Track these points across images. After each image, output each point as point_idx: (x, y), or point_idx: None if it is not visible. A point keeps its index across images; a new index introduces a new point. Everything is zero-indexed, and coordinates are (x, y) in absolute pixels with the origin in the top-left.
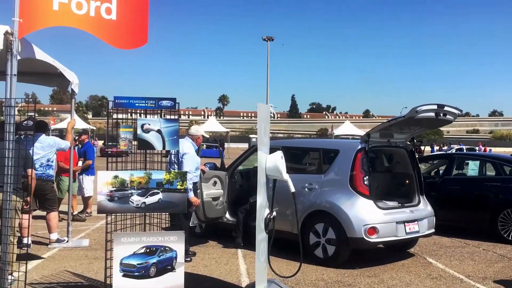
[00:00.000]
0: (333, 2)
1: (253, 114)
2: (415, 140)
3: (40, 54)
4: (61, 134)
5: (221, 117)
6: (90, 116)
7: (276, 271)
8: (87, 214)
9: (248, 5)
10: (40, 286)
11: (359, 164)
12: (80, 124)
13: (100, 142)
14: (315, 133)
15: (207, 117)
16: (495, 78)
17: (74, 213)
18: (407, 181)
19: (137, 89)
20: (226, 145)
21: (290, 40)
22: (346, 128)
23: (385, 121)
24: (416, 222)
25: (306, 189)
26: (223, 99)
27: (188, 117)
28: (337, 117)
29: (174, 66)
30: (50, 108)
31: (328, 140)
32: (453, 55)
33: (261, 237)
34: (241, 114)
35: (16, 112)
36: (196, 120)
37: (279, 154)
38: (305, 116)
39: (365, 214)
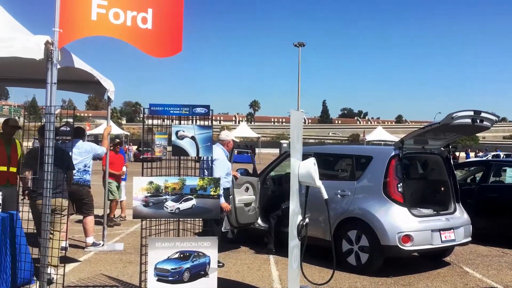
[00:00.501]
0: (365, 8)
1: (284, 120)
2: (450, 147)
3: (79, 63)
4: (96, 139)
5: (252, 123)
6: (124, 121)
7: (308, 278)
8: (121, 219)
9: (279, 11)
10: None
11: (392, 171)
12: (115, 130)
13: (134, 148)
14: (346, 138)
15: (238, 123)
16: None
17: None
18: (442, 188)
19: (169, 94)
20: (257, 150)
21: (322, 45)
22: (379, 134)
23: (419, 127)
24: (452, 230)
25: (338, 195)
26: (254, 105)
27: (220, 122)
28: (369, 122)
29: (205, 72)
30: (85, 114)
31: (361, 146)
32: (489, 58)
33: (294, 244)
34: (272, 120)
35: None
36: (227, 126)
37: (312, 160)
38: (336, 122)
39: (399, 221)
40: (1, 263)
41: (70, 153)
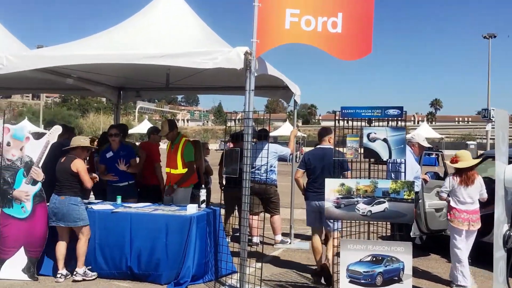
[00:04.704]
0: None
1: (470, 119)
2: None
3: (271, 70)
4: (275, 141)
5: (433, 123)
6: (300, 123)
7: None
8: None
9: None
10: (271, 282)
11: None
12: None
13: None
14: None
15: (418, 123)
16: None
17: None
18: None
19: (341, 94)
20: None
21: None
22: None
23: None
24: None
25: None
26: (436, 103)
27: (397, 123)
28: None
29: (378, 70)
30: (265, 117)
31: None
32: None
33: (499, 255)
34: (456, 119)
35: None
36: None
37: None
38: None
39: None
40: (208, 254)
41: (261, 154)
